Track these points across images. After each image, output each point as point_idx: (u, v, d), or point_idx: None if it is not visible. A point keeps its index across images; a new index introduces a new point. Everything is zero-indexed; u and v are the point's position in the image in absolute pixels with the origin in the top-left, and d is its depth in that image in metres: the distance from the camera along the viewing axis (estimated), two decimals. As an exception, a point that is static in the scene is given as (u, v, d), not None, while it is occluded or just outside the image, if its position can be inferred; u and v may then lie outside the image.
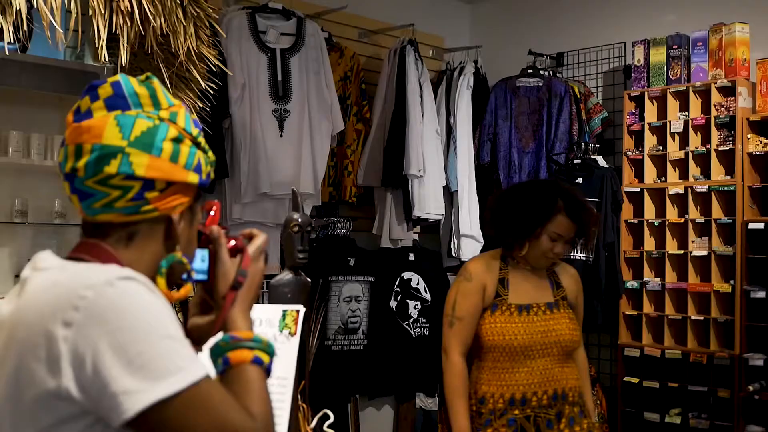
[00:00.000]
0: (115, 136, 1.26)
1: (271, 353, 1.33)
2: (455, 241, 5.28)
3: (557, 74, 5.37)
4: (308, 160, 4.39)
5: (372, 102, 5.02)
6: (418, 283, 5.30)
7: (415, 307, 5.27)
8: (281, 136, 4.34)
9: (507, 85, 5.29)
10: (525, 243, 2.95)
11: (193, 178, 1.33)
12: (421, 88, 4.99)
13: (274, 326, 2.31)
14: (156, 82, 1.34)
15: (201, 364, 1.19)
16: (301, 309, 2.29)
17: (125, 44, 3.14)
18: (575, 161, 4.99)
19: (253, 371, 1.29)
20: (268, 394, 1.30)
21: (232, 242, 1.41)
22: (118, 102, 1.29)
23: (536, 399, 2.89)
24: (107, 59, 3.20)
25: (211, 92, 3.38)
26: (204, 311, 1.45)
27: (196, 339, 1.41)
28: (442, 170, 5.16)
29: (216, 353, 1.32)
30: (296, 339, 2.27)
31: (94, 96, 1.30)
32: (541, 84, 5.22)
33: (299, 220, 2.44)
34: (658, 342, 4.78)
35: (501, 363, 2.92)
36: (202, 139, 1.36)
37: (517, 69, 5.36)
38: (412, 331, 5.24)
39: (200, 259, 1.40)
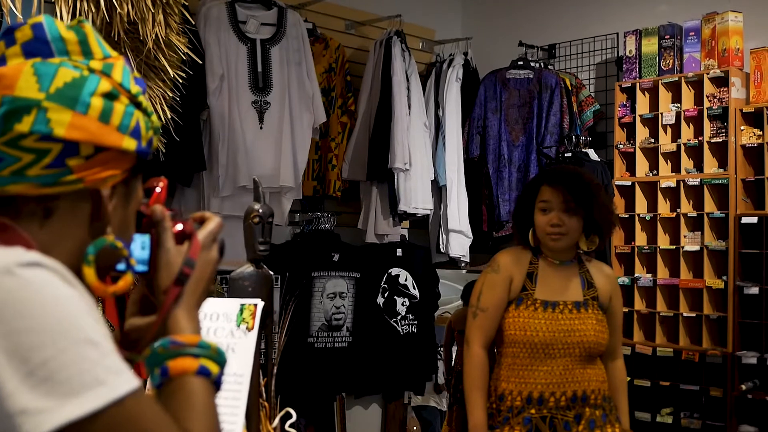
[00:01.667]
0: (31, 87, 1.02)
1: (221, 362, 1.10)
2: (443, 236, 5.17)
3: (548, 66, 5.26)
4: (289, 152, 4.29)
5: (357, 94, 4.92)
6: (406, 280, 5.21)
7: (403, 304, 5.17)
8: (261, 128, 4.25)
9: (497, 77, 5.18)
10: (530, 231, 2.89)
11: (129, 143, 1.07)
12: (408, 80, 4.88)
13: (231, 321, 2.23)
14: (89, 26, 1.09)
15: (129, 377, 0.95)
16: (259, 303, 2.20)
17: (90, 31, 3.04)
18: (566, 155, 4.88)
19: (198, 384, 1.06)
20: (216, 413, 1.08)
21: (179, 226, 1.17)
22: (38, 47, 1.05)
23: (554, 399, 2.77)
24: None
25: (180, 81, 3.28)
26: (145, 310, 1.20)
27: (135, 344, 1.17)
28: (431, 164, 5.06)
29: (153, 362, 1.08)
30: (254, 334, 2.18)
31: (10, 41, 1.05)
32: (531, 76, 5.11)
33: (260, 210, 2.35)
34: (650, 339, 4.67)
35: (520, 359, 2.82)
36: (143, 100, 1.11)
37: (509, 61, 5.25)
38: (399, 329, 5.14)
39: (140, 247, 1.15)
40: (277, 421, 2.47)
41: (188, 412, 1.04)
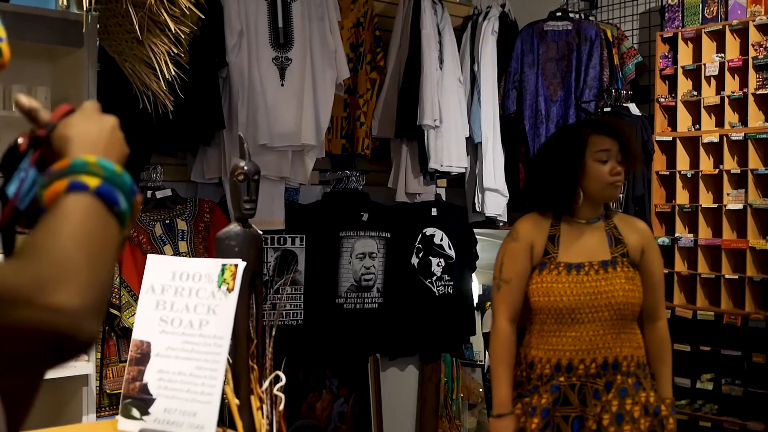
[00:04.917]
0: None
1: (104, 174, 0.90)
2: (479, 195, 5.03)
3: (589, 17, 5.04)
4: (310, 110, 4.19)
5: (387, 49, 4.79)
6: (441, 240, 5.09)
7: (438, 265, 5.06)
8: (282, 85, 4.15)
9: (534, 30, 4.98)
10: (578, 189, 2.71)
11: None
12: (440, 33, 4.73)
13: (213, 281, 2.17)
14: None
15: None
16: (240, 263, 2.14)
17: (88, -14, 2.98)
18: (605, 109, 4.68)
19: (72, 202, 0.86)
20: (101, 230, 0.87)
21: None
22: None
23: (583, 367, 2.67)
24: (91, 6, 3.03)
25: (184, 36, 3.19)
26: None
27: None
28: (465, 121, 4.91)
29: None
30: (234, 295, 2.12)
31: None
32: (570, 28, 4.90)
33: (245, 168, 2.28)
34: (690, 302, 4.50)
35: (548, 326, 2.73)
36: None
37: (549, 12, 5.04)
38: (435, 290, 5.04)
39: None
40: (266, 384, 2.41)
41: (51, 234, 0.84)
